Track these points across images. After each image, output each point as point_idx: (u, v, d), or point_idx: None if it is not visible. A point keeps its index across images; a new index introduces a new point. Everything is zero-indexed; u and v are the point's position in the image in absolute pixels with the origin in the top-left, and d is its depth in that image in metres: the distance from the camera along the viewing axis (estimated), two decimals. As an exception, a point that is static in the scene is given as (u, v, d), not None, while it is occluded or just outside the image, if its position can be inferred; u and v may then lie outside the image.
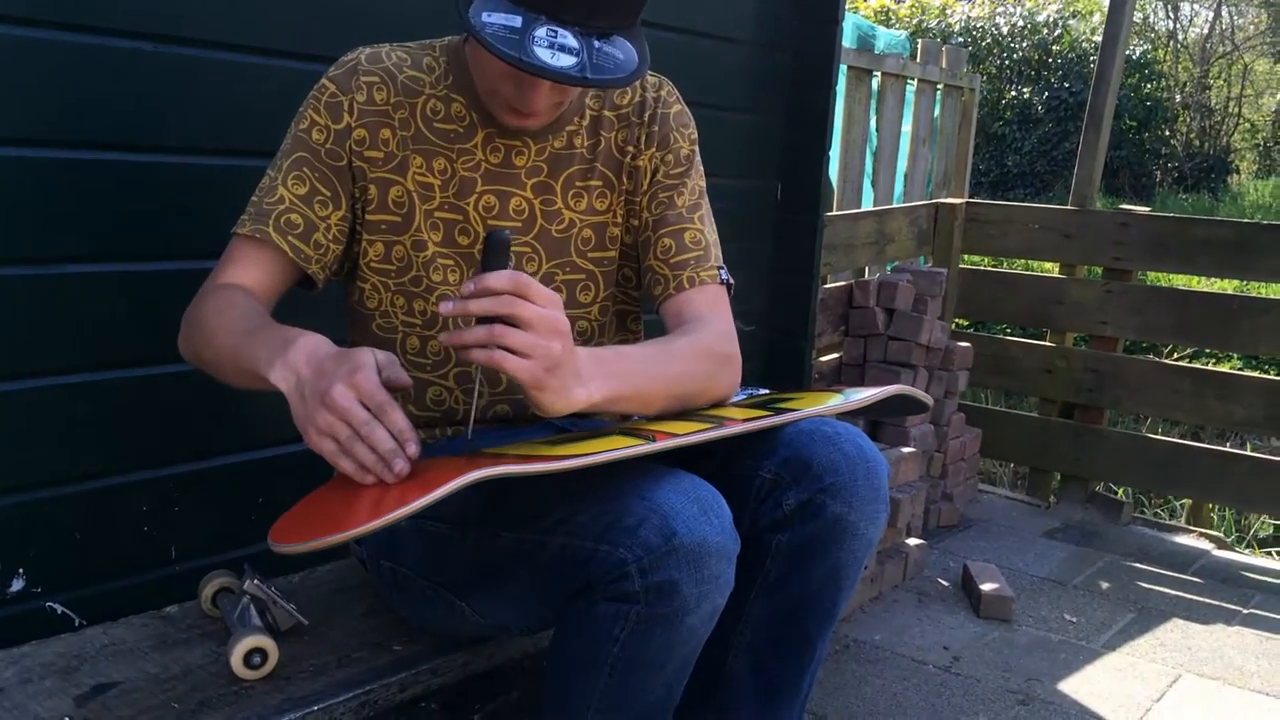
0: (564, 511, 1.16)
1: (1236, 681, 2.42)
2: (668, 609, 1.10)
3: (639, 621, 1.11)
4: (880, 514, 1.30)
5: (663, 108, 1.45)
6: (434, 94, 1.37)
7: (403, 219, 1.37)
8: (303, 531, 1.01)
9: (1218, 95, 15.73)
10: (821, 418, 1.31)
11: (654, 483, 1.13)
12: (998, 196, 11.77)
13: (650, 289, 1.43)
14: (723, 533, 1.12)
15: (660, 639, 1.12)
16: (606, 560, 1.10)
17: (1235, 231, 3.31)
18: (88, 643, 1.37)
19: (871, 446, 1.30)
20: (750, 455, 1.30)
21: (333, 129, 1.34)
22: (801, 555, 1.29)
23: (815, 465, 1.26)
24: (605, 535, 1.11)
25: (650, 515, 1.09)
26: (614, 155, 1.44)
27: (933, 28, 13.11)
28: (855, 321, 3.32)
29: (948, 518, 3.35)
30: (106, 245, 1.51)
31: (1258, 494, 3.32)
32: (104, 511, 1.56)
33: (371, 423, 1.03)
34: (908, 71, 3.91)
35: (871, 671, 2.33)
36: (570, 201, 1.42)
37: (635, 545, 1.09)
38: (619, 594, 1.10)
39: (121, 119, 1.50)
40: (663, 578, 1.08)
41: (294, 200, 1.32)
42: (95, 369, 1.53)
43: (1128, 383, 3.50)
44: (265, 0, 1.62)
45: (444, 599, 1.31)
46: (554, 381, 1.09)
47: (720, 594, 1.14)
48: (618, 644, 1.13)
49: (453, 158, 1.36)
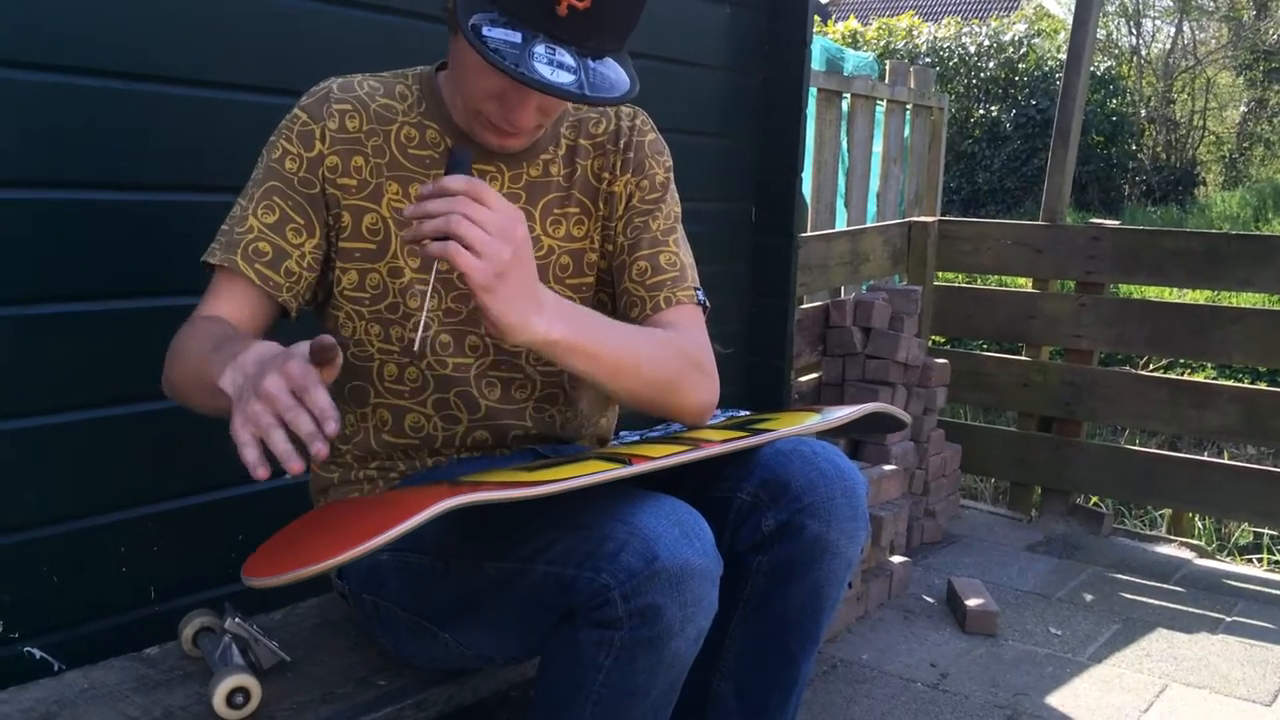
0: (545, 539, 1.15)
1: (1223, 690, 2.43)
2: (652, 633, 1.09)
3: (623, 647, 1.10)
4: (859, 532, 1.30)
5: (638, 135, 1.46)
6: (408, 121, 1.37)
7: (378, 246, 1.36)
8: (276, 565, 1.00)
9: (1182, 109, 15.98)
10: (799, 437, 1.31)
11: (635, 507, 1.13)
12: (969, 214, 11.88)
13: (626, 311, 1.43)
14: (705, 555, 1.12)
15: (645, 664, 1.11)
16: (589, 586, 1.09)
17: (1204, 242, 3.35)
18: (67, 687, 1.35)
19: (849, 465, 1.31)
20: (728, 477, 1.30)
21: (305, 157, 1.33)
22: (782, 576, 1.28)
23: (793, 485, 1.26)
24: (587, 561, 1.10)
25: (631, 539, 1.09)
26: (590, 183, 1.44)
27: (900, 49, 13.26)
28: (833, 341, 3.33)
29: (931, 534, 3.36)
30: (80, 284, 1.50)
31: (1236, 502, 3.35)
32: (81, 553, 1.54)
33: (295, 408, 0.97)
34: (877, 92, 3.96)
35: (859, 691, 2.33)
36: (548, 228, 1.42)
37: (617, 570, 1.08)
38: (602, 620, 1.10)
39: (92, 157, 1.49)
40: (646, 602, 1.08)
41: (263, 229, 1.31)
42: (70, 409, 1.51)
43: (1104, 395, 3.52)
44: (233, 35, 1.62)
45: (427, 631, 1.30)
46: (504, 290, 1.11)
47: (704, 616, 1.13)
48: (603, 671, 1.12)
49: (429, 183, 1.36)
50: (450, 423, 1.41)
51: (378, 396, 1.41)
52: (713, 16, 2.58)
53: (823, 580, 1.29)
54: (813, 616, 1.31)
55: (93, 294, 1.52)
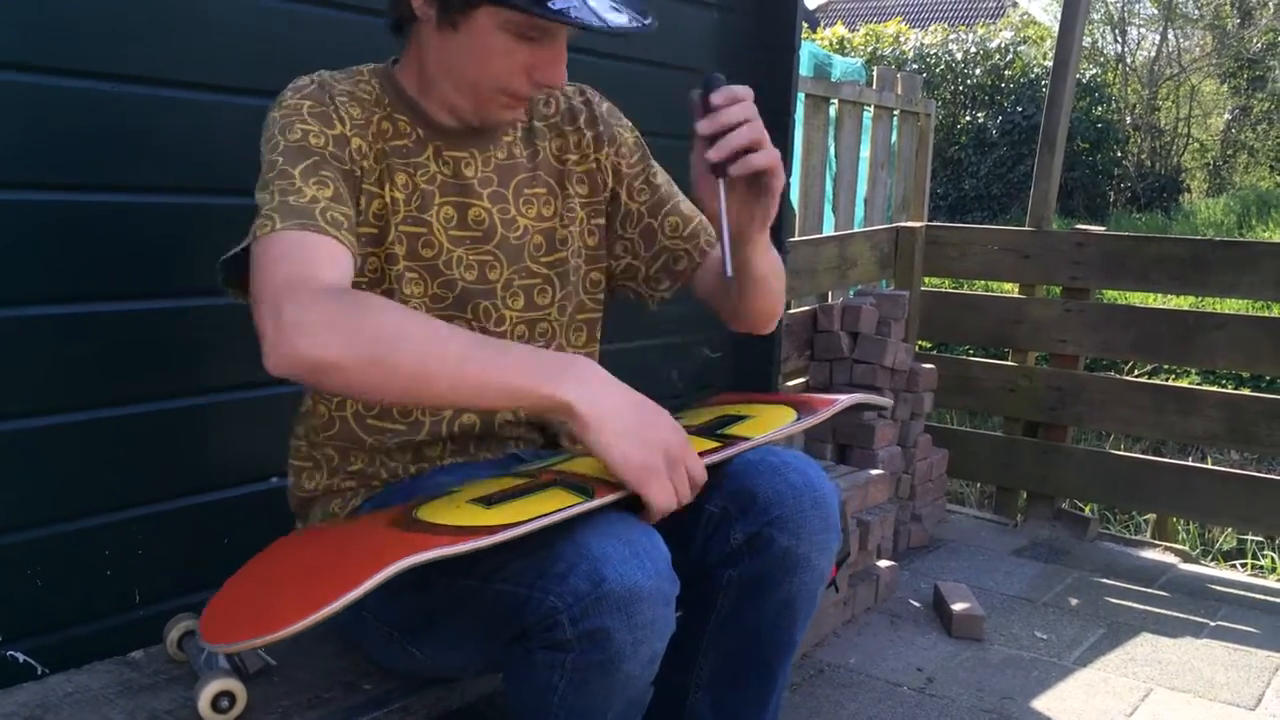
0: (502, 556, 1.12)
1: (1207, 694, 2.44)
2: (602, 657, 1.07)
3: (575, 670, 1.08)
4: (831, 544, 1.28)
5: (595, 109, 1.49)
6: (380, 113, 1.35)
7: (379, 232, 1.35)
8: (233, 630, 1.01)
9: (1167, 116, 16.07)
10: (768, 447, 1.28)
11: (586, 527, 1.10)
12: (956, 219, 11.92)
13: (672, 266, 1.50)
14: (656, 575, 1.09)
15: (599, 686, 1.09)
16: (539, 608, 1.08)
17: (1189, 249, 3.37)
18: (51, 691, 1.34)
19: (820, 475, 1.29)
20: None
21: (329, 134, 1.27)
22: (752, 589, 1.27)
23: (760, 498, 1.25)
24: (537, 582, 1.08)
25: (580, 561, 1.06)
26: (553, 163, 1.46)
27: (887, 55, 13.31)
28: (820, 345, 3.34)
29: (917, 539, 3.36)
30: (66, 286, 1.49)
31: (1220, 507, 3.37)
32: (65, 557, 1.53)
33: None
34: (864, 98, 3.97)
35: (846, 695, 2.33)
36: (522, 209, 1.43)
37: (565, 593, 1.06)
38: (552, 642, 1.08)
39: (79, 159, 1.49)
40: (593, 625, 1.06)
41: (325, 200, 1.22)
42: (55, 412, 1.50)
43: (1090, 400, 3.54)
44: (223, 38, 1.62)
45: (397, 643, 1.29)
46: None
47: (659, 639, 1.11)
48: (557, 692, 1.10)
49: (411, 173, 1.35)
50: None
51: None
52: (701, 21, 2.59)
53: (794, 594, 1.28)
54: (786, 629, 1.30)
55: (79, 296, 1.51)
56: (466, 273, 1.38)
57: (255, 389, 1.71)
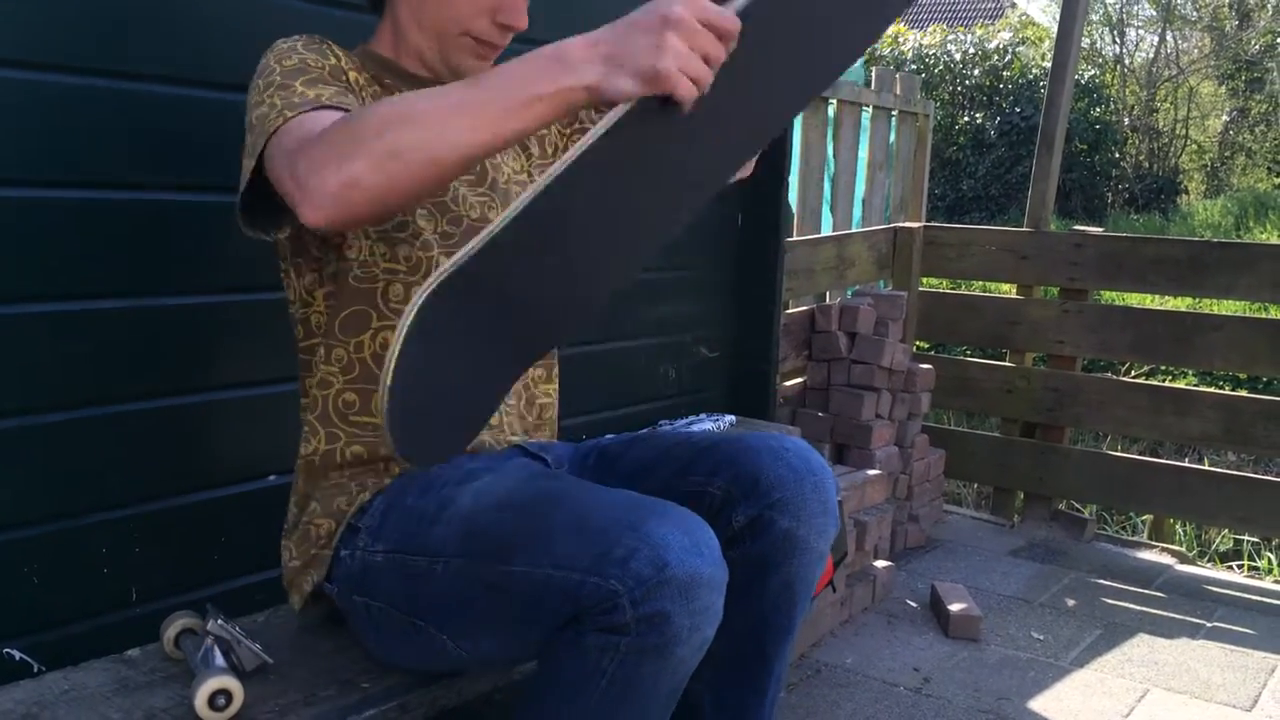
0: (548, 543, 1.15)
1: (1203, 695, 2.44)
2: (659, 640, 1.10)
3: (628, 653, 1.10)
4: (829, 527, 1.31)
5: None
6: (366, 76, 1.38)
7: None
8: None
9: (1165, 118, 16.09)
10: (769, 433, 1.33)
11: (644, 514, 1.13)
12: (954, 220, 11.93)
13: None
14: (714, 564, 1.13)
15: (649, 670, 1.12)
16: (597, 591, 1.09)
17: (1186, 250, 3.37)
18: (47, 689, 1.34)
19: (820, 461, 1.32)
20: (699, 471, 1.32)
21: (327, 64, 1.30)
22: (754, 572, 1.30)
23: (763, 480, 1.28)
24: (595, 567, 1.10)
25: (642, 546, 1.09)
26: None
27: (886, 55, 13.31)
28: (818, 346, 3.34)
29: (914, 539, 3.36)
30: (60, 283, 1.49)
31: (1217, 508, 3.37)
32: (62, 554, 1.53)
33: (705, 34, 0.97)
34: (863, 99, 3.97)
35: (843, 695, 2.33)
36: (500, 159, 1.48)
37: (627, 576, 1.08)
38: (609, 625, 1.10)
39: (70, 155, 1.48)
40: (654, 609, 1.08)
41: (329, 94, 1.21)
42: (51, 409, 1.50)
43: (1087, 401, 3.54)
44: (214, 35, 1.61)
45: (423, 633, 1.29)
46: None
47: (710, 625, 1.14)
48: (605, 676, 1.12)
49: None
50: None
51: (380, 319, 1.37)
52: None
53: (794, 575, 1.30)
54: (785, 612, 1.32)
55: (75, 293, 1.51)
56: (471, 211, 1.42)
57: (253, 387, 1.71)
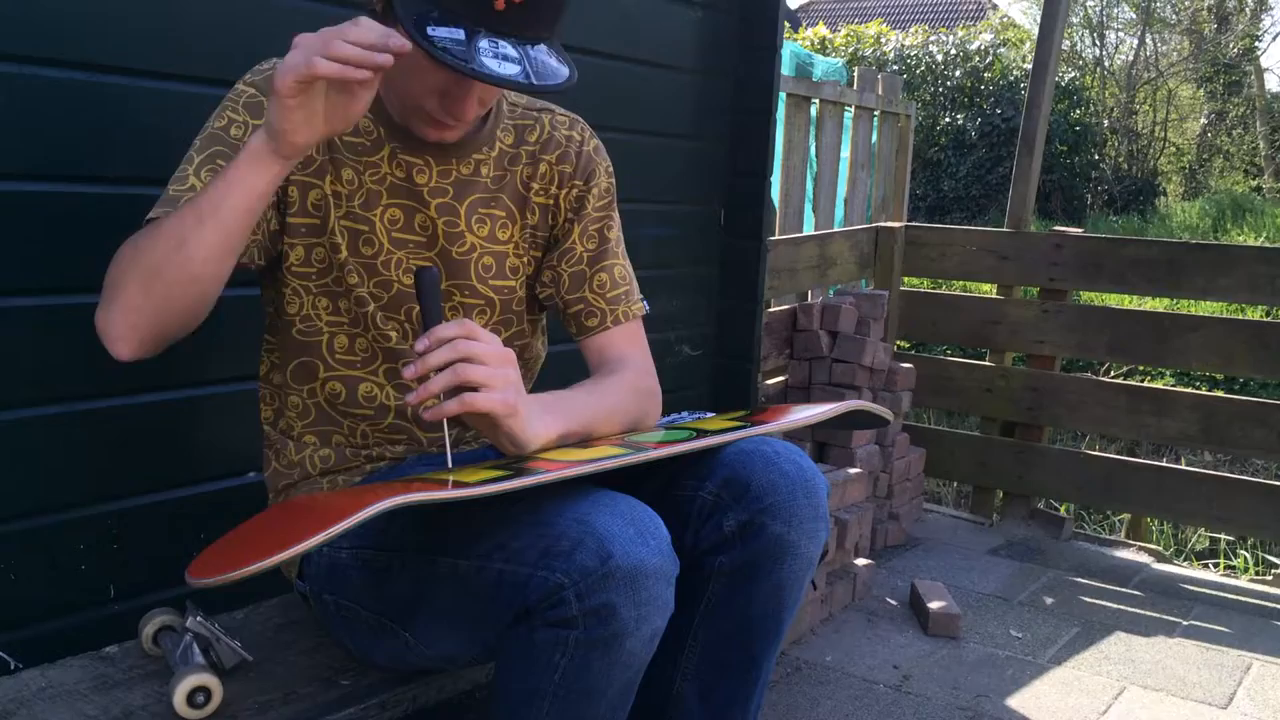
0: (502, 536, 1.15)
1: (1179, 692, 2.46)
2: (606, 633, 1.09)
3: (578, 647, 1.10)
4: (820, 532, 1.31)
5: (584, 145, 1.48)
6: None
7: (321, 221, 1.37)
8: (217, 566, 1.00)
9: (1144, 120, 16.21)
10: (761, 437, 1.31)
11: (590, 506, 1.13)
12: (935, 220, 11.98)
13: (584, 320, 1.47)
14: (660, 554, 1.12)
15: (600, 664, 1.11)
16: (543, 585, 1.09)
17: (1164, 251, 3.40)
18: (24, 686, 1.33)
19: (811, 465, 1.31)
20: (691, 476, 1.31)
21: (252, 124, 1.31)
22: (743, 576, 1.29)
23: (754, 485, 1.27)
24: (541, 560, 1.10)
25: (586, 538, 1.09)
26: (519, 190, 1.45)
27: (868, 56, 13.36)
28: (800, 344, 3.35)
29: (894, 537, 3.38)
30: (42, 278, 1.48)
31: (1194, 507, 3.40)
32: (40, 550, 1.52)
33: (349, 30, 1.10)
34: (845, 99, 3.98)
35: (823, 693, 2.34)
36: (474, 226, 1.42)
37: (571, 569, 1.08)
38: (557, 619, 1.09)
39: (53, 149, 1.47)
40: (600, 601, 1.08)
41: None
42: (30, 405, 1.49)
43: (1066, 400, 3.56)
44: (195, 29, 1.61)
45: (388, 630, 1.29)
46: (522, 408, 1.17)
47: (660, 616, 1.13)
48: (558, 671, 1.11)
49: (360, 169, 1.37)
50: (403, 390, 1.41)
51: (328, 370, 1.41)
52: (683, 19, 2.59)
53: (784, 581, 1.29)
54: (774, 616, 1.32)
55: (55, 288, 1.49)
56: (405, 276, 1.39)
57: (233, 384, 1.70)
